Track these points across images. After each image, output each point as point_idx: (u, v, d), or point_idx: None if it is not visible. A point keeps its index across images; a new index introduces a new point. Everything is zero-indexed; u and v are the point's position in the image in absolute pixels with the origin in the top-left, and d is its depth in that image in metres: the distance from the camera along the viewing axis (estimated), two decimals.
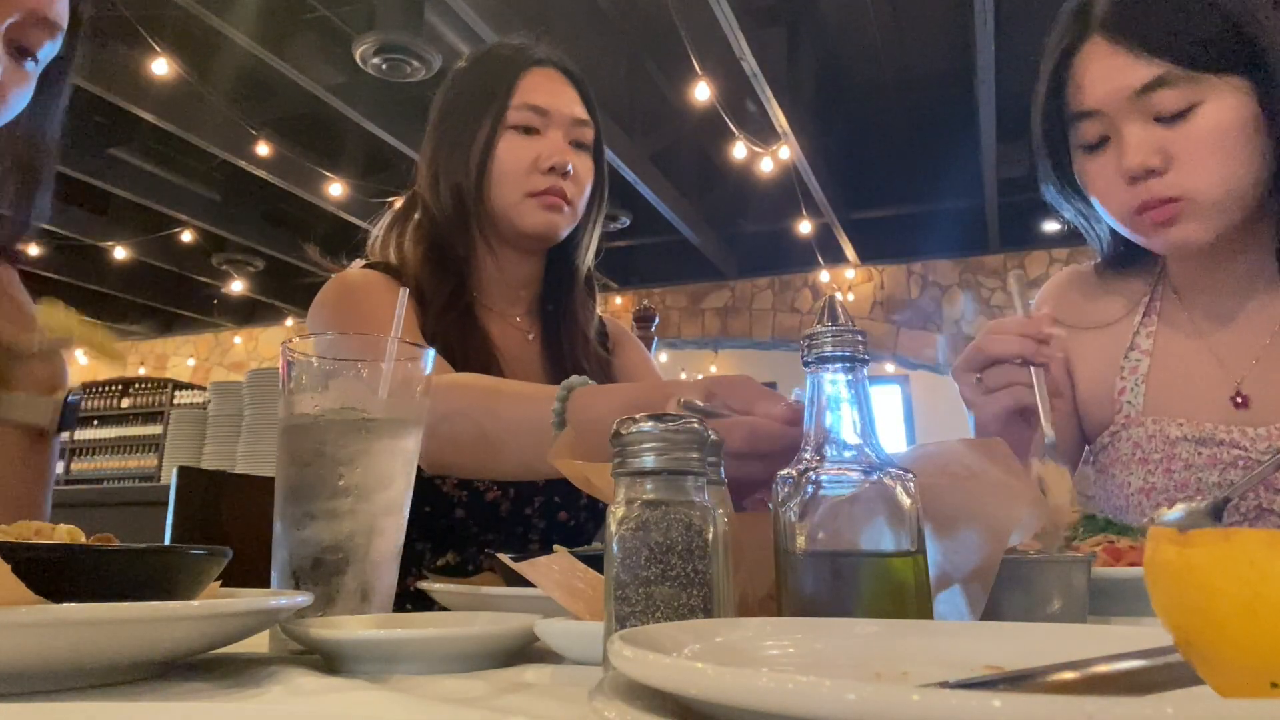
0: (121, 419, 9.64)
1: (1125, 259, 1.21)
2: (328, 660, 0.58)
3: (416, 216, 1.28)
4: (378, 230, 1.31)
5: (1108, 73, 1.02)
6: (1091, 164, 1.07)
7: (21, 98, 0.91)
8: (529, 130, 1.22)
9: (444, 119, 1.28)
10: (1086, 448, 1.25)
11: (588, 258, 1.35)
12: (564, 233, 1.25)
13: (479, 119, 1.22)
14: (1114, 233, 1.17)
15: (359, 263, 1.31)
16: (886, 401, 8.81)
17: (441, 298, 1.19)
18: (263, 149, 5.39)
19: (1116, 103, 1.01)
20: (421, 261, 1.23)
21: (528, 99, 1.22)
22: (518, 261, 1.29)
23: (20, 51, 0.89)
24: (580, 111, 1.26)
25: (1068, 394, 1.22)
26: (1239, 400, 1.08)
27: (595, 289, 1.37)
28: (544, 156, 1.21)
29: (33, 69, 0.91)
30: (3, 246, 1.00)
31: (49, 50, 0.91)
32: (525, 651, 0.62)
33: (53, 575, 0.48)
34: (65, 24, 0.92)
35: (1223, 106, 0.98)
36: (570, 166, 1.22)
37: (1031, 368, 0.91)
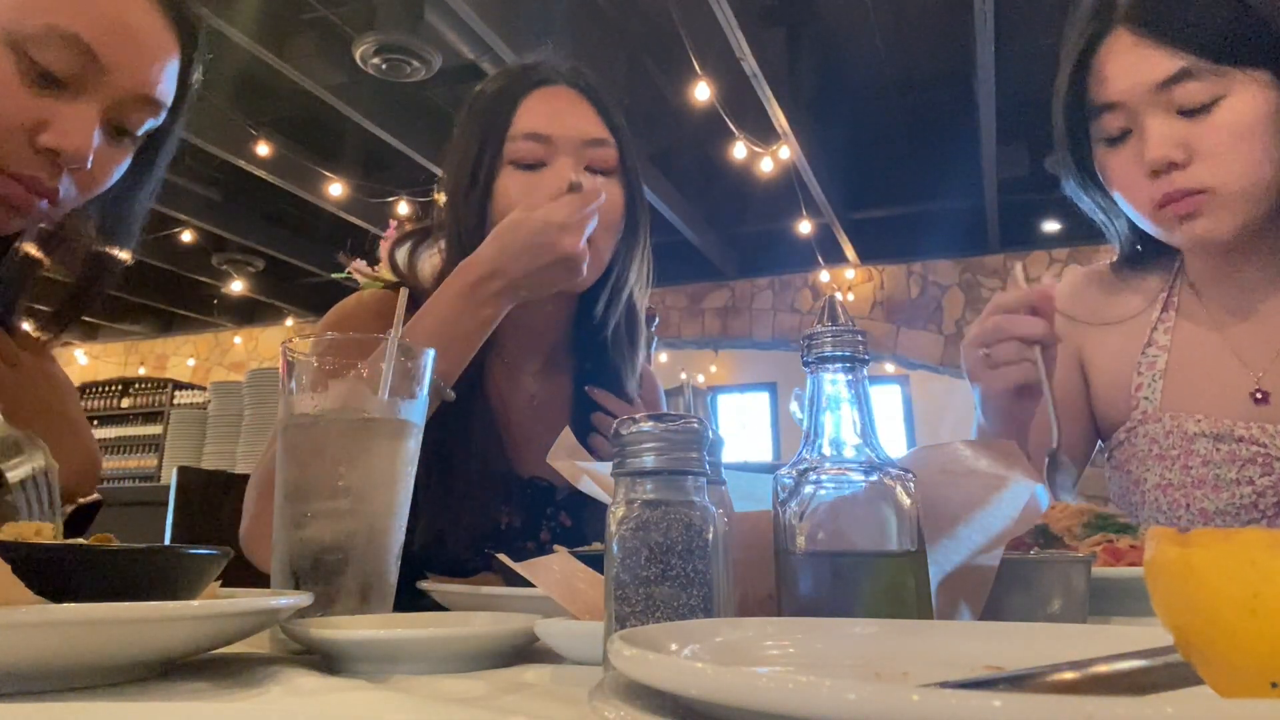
0: (121, 419, 9.65)
1: (1142, 255, 1.20)
2: (328, 660, 0.58)
3: (440, 249, 1.14)
4: (392, 245, 1.18)
5: (1131, 65, 1.01)
6: (1112, 157, 1.06)
7: (116, 173, 0.88)
8: (532, 164, 1.07)
9: (450, 156, 1.14)
10: (1099, 444, 1.25)
11: (622, 302, 1.15)
12: (584, 285, 1.08)
13: (477, 156, 1.08)
14: (1132, 228, 1.17)
15: (372, 277, 1.22)
16: (886, 401, 8.82)
17: None
18: (263, 149, 5.39)
19: (1139, 95, 1.00)
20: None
21: (526, 127, 1.07)
22: (532, 309, 1.08)
23: (118, 130, 0.85)
24: (594, 129, 1.09)
25: (1074, 387, 1.22)
26: (1259, 396, 1.07)
27: (638, 331, 1.18)
28: (550, 193, 1.04)
29: (130, 144, 0.88)
30: (63, 320, 0.96)
31: (151, 125, 0.88)
32: (525, 651, 0.62)
33: (53, 575, 0.48)
34: (170, 101, 0.88)
35: (1246, 100, 0.97)
36: None
37: (1038, 349, 0.91)
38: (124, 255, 0.97)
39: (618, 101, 1.15)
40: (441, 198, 1.17)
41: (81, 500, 0.89)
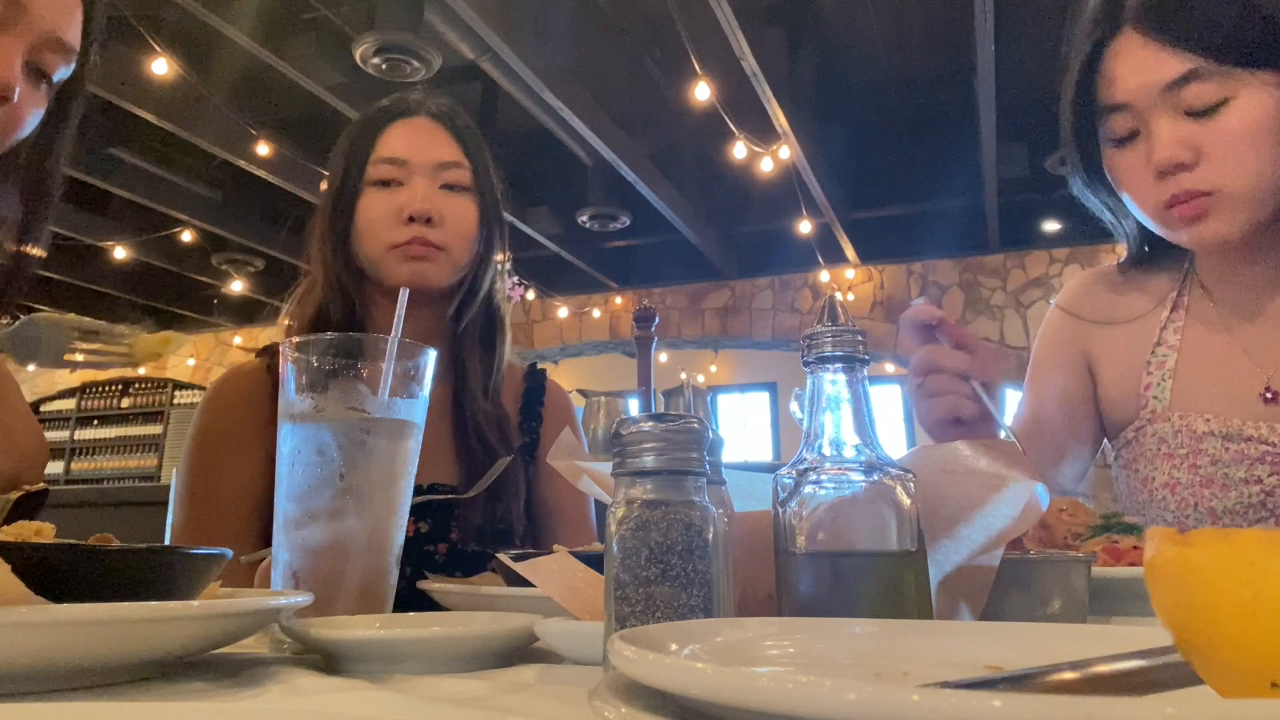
0: (121, 419, 9.65)
1: (1151, 256, 1.20)
2: (328, 660, 0.58)
3: (302, 289, 1.26)
4: (287, 308, 1.28)
5: (1139, 66, 1.01)
6: (1120, 158, 1.06)
7: (35, 117, 0.92)
8: (389, 183, 1.19)
9: (325, 185, 1.26)
10: (1105, 442, 1.25)
11: (477, 305, 1.26)
12: (439, 281, 1.19)
13: (343, 180, 1.20)
14: (1140, 228, 1.16)
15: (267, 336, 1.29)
16: (886, 401, 8.81)
17: None
18: (263, 149, 5.39)
19: (1147, 97, 1.00)
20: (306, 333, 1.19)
21: (385, 153, 1.20)
22: (410, 322, 1.23)
23: (37, 74, 0.90)
24: (447, 154, 1.21)
25: (1080, 388, 1.22)
26: (1269, 396, 1.07)
27: (499, 334, 1.29)
28: (404, 206, 1.16)
29: (46, 90, 0.92)
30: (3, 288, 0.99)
31: (63, 73, 0.93)
32: (525, 651, 0.62)
33: (53, 575, 0.48)
34: (79, 47, 0.93)
35: (1255, 101, 0.97)
36: (433, 213, 1.16)
37: (976, 383, 0.89)
38: (47, 228, 1.00)
39: (475, 129, 1.27)
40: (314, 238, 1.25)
41: (27, 488, 0.90)
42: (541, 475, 1.26)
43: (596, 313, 8.22)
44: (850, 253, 7.07)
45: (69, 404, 9.86)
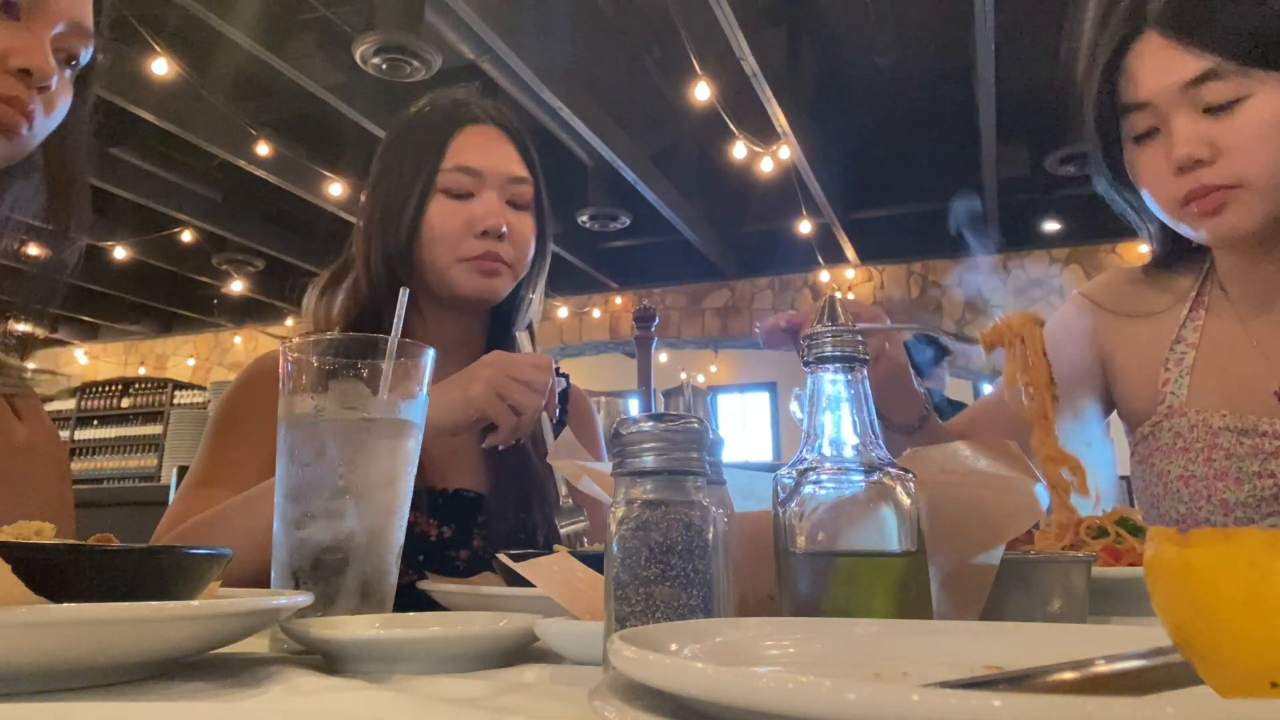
0: (121, 419, 9.65)
1: (1173, 256, 1.24)
2: (328, 660, 0.58)
3: (347, 283, 1.23)
4: (310, 295, 1.25)
5: (1160, 66, 1.04)
6: (1141, 155, 1.09)
7: (65, 102, 0.92)
8: (461, 194, 1.17)
9: (378, 181, 1.22)
10: (1104, 421, 1.28)
11: (526, 318, 1.29)
12: (504, 294, 1.21)
13: (410, 182, 1.17)
14: (1163, 227, 1.20)
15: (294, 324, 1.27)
16: None
17: None
18: (263, 149, 5.39)
19: (1167, 95, 1.04)
20: (344, 332, 1.15)
21: (459, 160, 1.17)
22: (452, 323, 1.23)
23: (63, 60, 0.90)
24: (517, 169, 1.21)
25: (1082, 364, 1.25)
26: None
27: (535, 346, 1.30)
28: (477, 220, 1.15)
29: (70, 77, 0.93)
30: (45, 298, 0.97)
31: (85, 56, 0.93)
32: (525, 651, 0.62)
33: (53, 575, 0.48)
34: (93, 31, 0.93)
35: (1269, 101, 1.00)
36: (505, 228, 1.16)
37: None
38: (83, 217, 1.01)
39: (533, 146, 1.26)
40: (359, 225, 1.23)
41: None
42: None
43: (596, 313, 8.22)
44: (850, 253, 7.07)
45: (69, 404, 9.87)
